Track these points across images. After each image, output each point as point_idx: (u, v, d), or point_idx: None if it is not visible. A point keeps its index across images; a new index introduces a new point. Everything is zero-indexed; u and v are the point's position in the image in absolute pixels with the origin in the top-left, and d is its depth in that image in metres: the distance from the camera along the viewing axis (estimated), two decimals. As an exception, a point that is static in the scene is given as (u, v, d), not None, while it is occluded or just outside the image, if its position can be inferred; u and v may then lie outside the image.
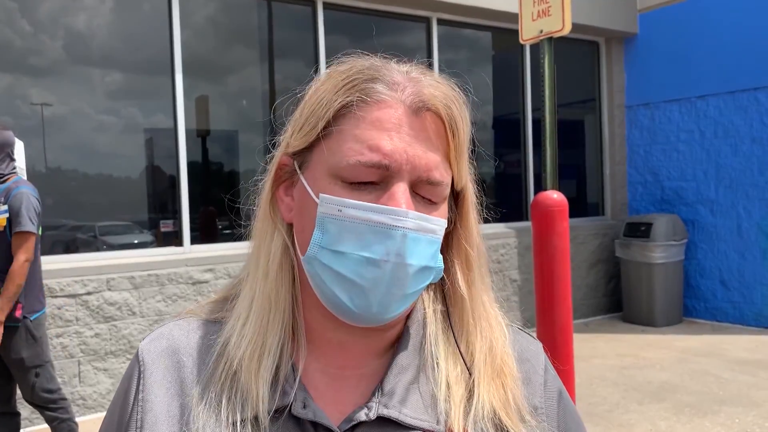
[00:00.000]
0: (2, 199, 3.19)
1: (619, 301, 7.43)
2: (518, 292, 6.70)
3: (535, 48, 3.86)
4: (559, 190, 3.12)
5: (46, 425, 4.29)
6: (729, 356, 5.63)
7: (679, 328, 6.80)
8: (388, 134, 0.68)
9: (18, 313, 3.18)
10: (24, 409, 3.59)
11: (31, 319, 3.24)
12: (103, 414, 4.43)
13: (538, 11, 3.16)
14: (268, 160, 0.77)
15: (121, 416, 0.75)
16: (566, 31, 3.07)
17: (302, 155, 0.73)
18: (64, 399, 3.38)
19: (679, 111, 7.25)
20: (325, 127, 0.70)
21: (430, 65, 0.75)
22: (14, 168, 3.35)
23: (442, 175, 0.70)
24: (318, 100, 0.71)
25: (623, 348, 6.03)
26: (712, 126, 6.96)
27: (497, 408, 0.74)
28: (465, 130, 0.72)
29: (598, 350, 5.96)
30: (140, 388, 0.74)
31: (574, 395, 3.12)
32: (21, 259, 3.12)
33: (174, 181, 5.22)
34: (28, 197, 3.19)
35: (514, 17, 3.56)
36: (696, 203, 7.12)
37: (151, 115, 5.31)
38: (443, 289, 0.79)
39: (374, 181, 0.68)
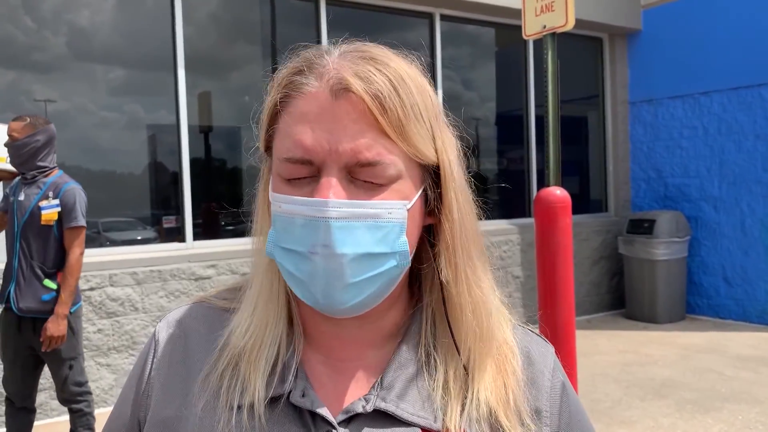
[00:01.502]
0: (51, 194, 3.24)
1: (621, 298, 7.42)
2: (521, 288, 6.70)
3: (539, 44, 3.85)
4: (562, 186, 3.11)
5: (44, 421, 4.32)
6: (732, 353, 5.63)
7: (682, 324, 6.80)
8: (311, 126, 0.67)
9: None
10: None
11: (71, 311, 3.27)
12: (107, 409, 4.46)
13: (542, 6, 3.15)
14: (261, 160, 0.79)
15: (136, 393, 0.79)
16: (569, 26, 3.06)
17: (269, 156, 0.75)
18: (90, 393, 3.43)
19: (682, 107, 7.23)
20: (268, 128, 0.73)
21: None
22: (55, 162, 3.42)
23: (378, 154, 0.66)
24: (267, 100, 0.73)
25: (625, 345, 6.03)
26: (715, 122, 6.94)
27: (495, 407, 0.72)
28: (404, 103, 0.67)
29: (600, 347, 5.96)
30: (153, 366, 0.78)
31: (576, 392, 3.12)
32: (77, 252, 3.23)
33: (176, 177, 5.22)
34: (79, 192, 3.29)
35: (517, 13, 3.55)
36: (699, 200, 7.10)
37: (154, 111, 5.32)
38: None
39: (307, 175, 0.68)
